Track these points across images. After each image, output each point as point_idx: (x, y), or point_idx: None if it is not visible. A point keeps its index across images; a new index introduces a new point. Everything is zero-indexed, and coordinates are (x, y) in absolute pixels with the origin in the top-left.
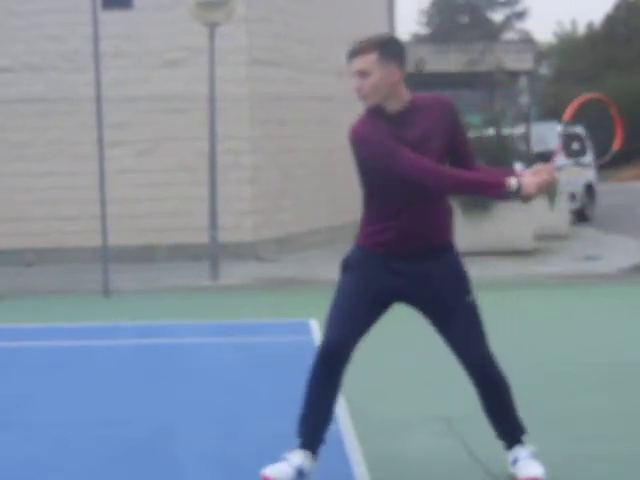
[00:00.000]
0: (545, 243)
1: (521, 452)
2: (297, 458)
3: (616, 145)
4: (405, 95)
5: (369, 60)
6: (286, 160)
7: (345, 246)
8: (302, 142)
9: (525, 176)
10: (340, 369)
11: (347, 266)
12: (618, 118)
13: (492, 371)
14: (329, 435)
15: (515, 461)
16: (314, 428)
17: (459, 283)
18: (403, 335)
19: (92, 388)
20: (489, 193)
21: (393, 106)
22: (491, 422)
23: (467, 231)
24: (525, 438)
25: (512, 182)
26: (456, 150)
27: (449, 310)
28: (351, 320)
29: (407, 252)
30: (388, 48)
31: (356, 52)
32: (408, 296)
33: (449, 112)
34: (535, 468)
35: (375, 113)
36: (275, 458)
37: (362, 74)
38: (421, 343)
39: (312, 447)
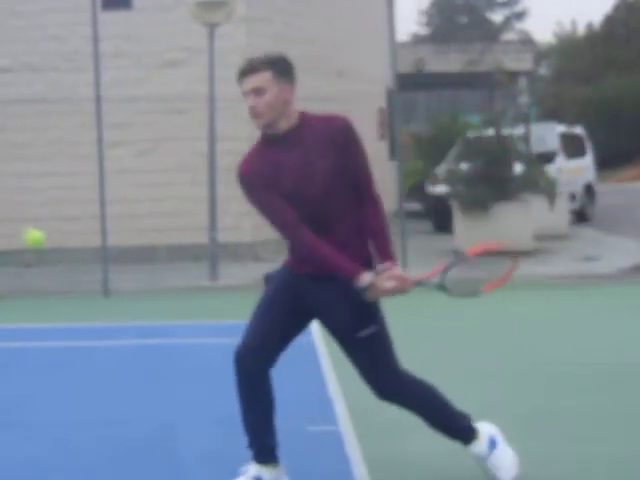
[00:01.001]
0: (545, 243)
1: (477, 448)
2: (253, 470)
3: (471, 252)
4: (294, 113)
5: (264, 78)
6: None
7: None
8: None
9: (382, 277)
10: (253, 373)
11: (269, 278)
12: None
13: (403, 396)
14: (329, 436)
15: (482, 457)
16: (258, 437)
17: (345, 315)
18: (403, 336)
19: (92, 388)
20: (340, 276)
21: (284, 125)
22: (437, 431)
23: (467, 231)
24: (476, 432)
25: (365, 279)
26: (351, 178)
27: (342, 341)
28: (264, 325)
29: (302, 273)
30: (280, 66)
31: (249, 70)
32: (312, 315)
33: (338, 132)
34: (507, 459)
35: (265, 140)
36: None
37: (257, 92)
38: (421, 344)
39: (263, 456)
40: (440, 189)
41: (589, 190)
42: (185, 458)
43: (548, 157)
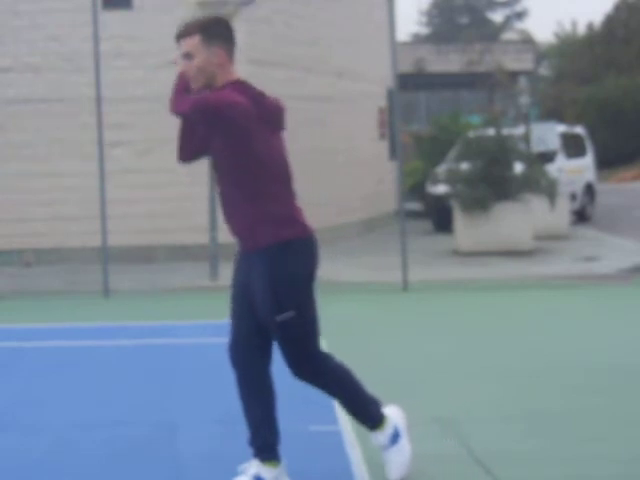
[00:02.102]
0: (545, 243)
1: (380, 437)
2: (253, 468)
3: None
4: (233, 77)
5: (192, 43)
6: None
7: (343, 246)
8: (301, 143)
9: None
10: (247, 366)
11: None
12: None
13: (319, 379)
14: (329, 435)
15: (381, 447)
16: (259, 434)
17: (265, 297)
18: (403, 336)
19: (92, 388)
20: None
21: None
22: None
23: (467, 231)
24: (384, 421)
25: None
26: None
27: (262, 321)
28: (235, 315)
29: (242, 251)
30: (211, 30)
31: (181, 35)
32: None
33: (195, 103)
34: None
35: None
36: None
37: (187, 57)
38: (421, 344)
39: (265, 454)
40: (440, 189)
41: (589, 190)
42: (185, 458)
43: (548, 157)
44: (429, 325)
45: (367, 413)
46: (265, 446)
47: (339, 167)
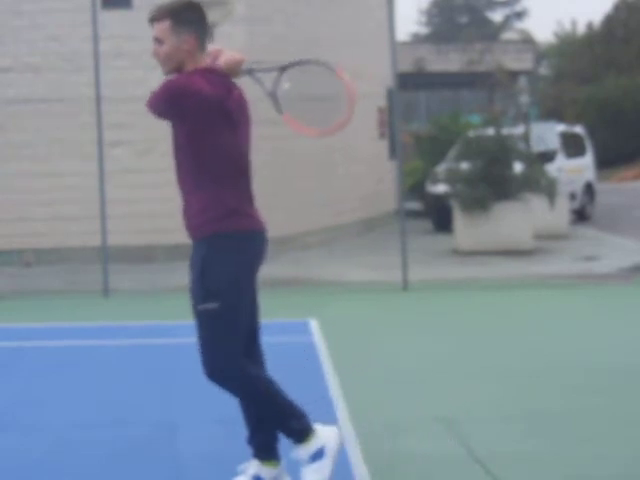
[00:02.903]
0: (545, 243)
1: (301, 451)
2: (253, 468)
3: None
4: (202, 65)
5: (162, 28)
6: (284, 160)
7: (343, 245)
8: (301, 142)
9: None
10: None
11: None
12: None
13: (230, 385)
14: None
15: (300, 461)
16: (257, 433)
17: (196, 286)
18: (403, 336)
19: (92, 388)
20: None
21: None
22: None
23: (467, 231)
24: (308, 436)
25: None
26: None
27: (192, 308)
28: None
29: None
30: (182, 15)
31: (152, 18)
32: None
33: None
34: None
35: None
36: None
37: (157, 41)
38: (421, 344)
39: (263, 453)
40: (440, 188)
41: (589, 189)
42: (185, 458)
43: (548, 156)
44: (429, 325)
45: (288, 428)
46: (264, 445)
47: (339, 166)
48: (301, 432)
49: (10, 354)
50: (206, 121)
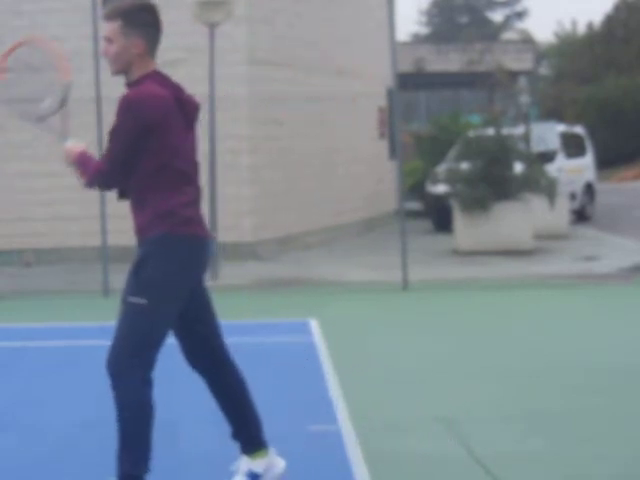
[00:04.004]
0: (545, 243)
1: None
2: (244, 465)
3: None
4: (150, 69)
5: (112, 28)
6: (286, 160)
7: (343, 245)
8: (302, 142)
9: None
10: (200, 370)
11: None
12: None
13: (114, 380)
14: (330, 435)
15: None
16: (240, 428)
17: (131, 279)
18: (403, 336)
19: (92, 388)
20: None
21: (132, 77)
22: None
23: (467, 231)
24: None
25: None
26: None
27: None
28: None
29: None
30: (134, 17)
31: (104, 16)
32: None
33: (118, 106)
34: None
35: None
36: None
37: (107, 40)
38: (421, 344)
39: (250, 446)
40: (440, 188)
41: (589, 190)
42: (185, 458)
43: (548, 157)
44: (429, 325)
45: (124, 459)
46: (249, 439)
47: (339, 166)
48: (129, 476)
49: (10, 354)
50: (166, 125)
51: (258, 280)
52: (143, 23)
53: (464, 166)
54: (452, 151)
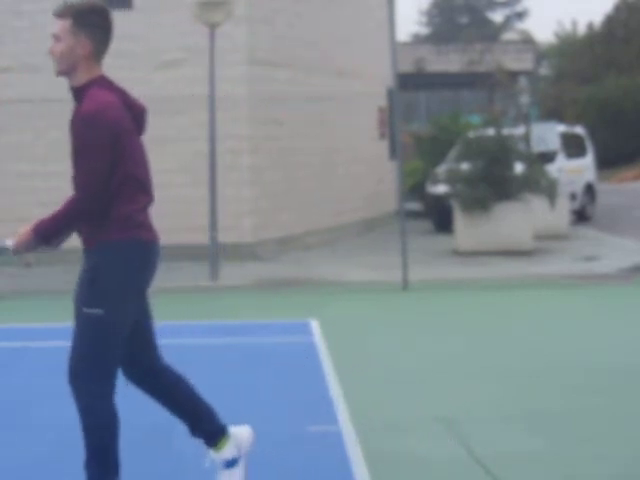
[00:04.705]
0: (545, 243)
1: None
2: (216, 456)
3: None
4: (95, 73)
5: (62, 26)
6: (286, 160)
7: (343, 246)
8: (302, 142)
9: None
10: (137, 381)
11: None
12: None
13: (77, 396)
14: (330, 435)
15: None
16: (197, 424)
17: (84, 289)
18: (403, 336)
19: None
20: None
21: (78, 80)
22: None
23: (467, 231)
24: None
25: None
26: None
27: (74, 312)
28: None
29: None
30: (85, 18)
31: (56, 14)
32: None
33: (76, 116)
34: None
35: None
36: (275, 458)
37: (55, 38)
38: (421, 344)
39: (212, 438)
40: (440, 189)
41: (589, 190)
42: (185, 459)
43: (549, 157)
44: (429, 325)
45: (92, 466)
46: (208, 433)
47: (339, 167)
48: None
49: (10, 354)
50: (124, 133)
51: (258, 280)
52: (93, 24)
53: (464, 166)
54: (452, 151)
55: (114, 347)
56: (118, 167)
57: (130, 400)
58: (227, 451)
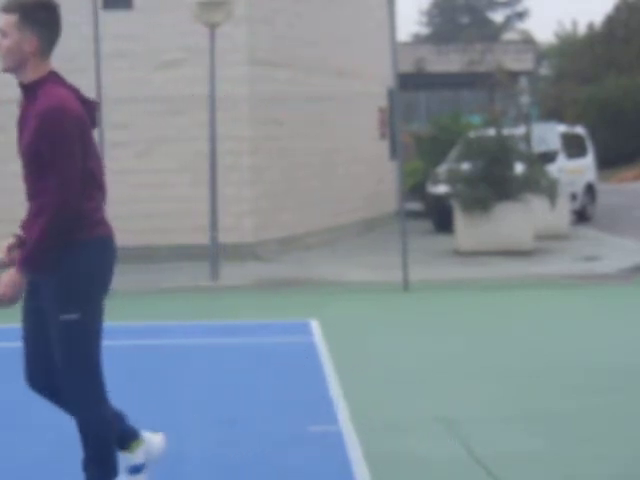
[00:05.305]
0: (545, 243)
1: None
2: (127, 461)
3: None
4: (43, 70)
5: (7, 21)
6: (286, 161)
7: (344, 246)
8: (302, 142)
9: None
10: (40, 388)
11: None
12: None
13: (73, 406)
14: (330, 436)
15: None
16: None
17: (53, 295)
18: (403, 336)
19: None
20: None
21: (27, 76)
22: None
23: (468, 231)
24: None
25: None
26: (43, 163)
27: (50, 323)
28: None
29: None
30: (32, 13)
31: (3, 9)
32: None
33: (40, 113)
34: None
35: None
36: (275, 458)
37: (2, 33)
38: (421, 344)
39: (123, 443)
40: (441, 189)
41: (590, 190)
42: (185, 459)
43: (549, 157)
44: (429, 325)
45: (99, 469)
46: (120, 436)
47: (339, 167)
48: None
49: (10, 354)
50: (85, 128)
51: (259, 280)
52: (40, 21)
53: (465, 166)
54: (453, 151)
55: (97, 348)
56: (83, 162)
57: (133, 399)
58: (138, 455)
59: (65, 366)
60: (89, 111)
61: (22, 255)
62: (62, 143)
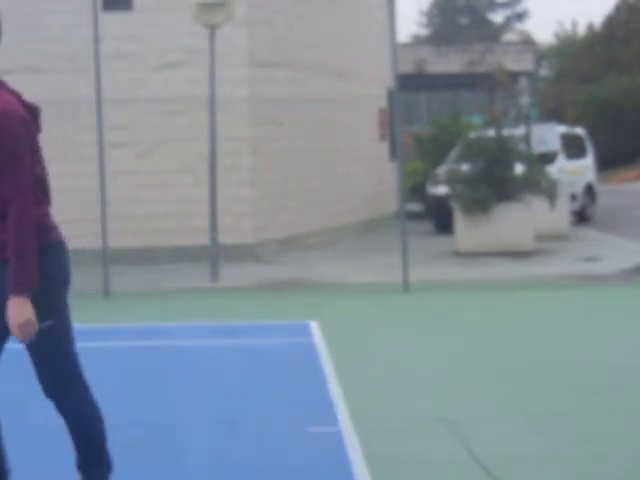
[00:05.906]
0: (545, 244)
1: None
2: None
3: None
4: None
5: None
6: (286, 161)
7: (344, 246)
8: (302, 144)
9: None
10: None
11: None
12: None
13: (63, 405)
14: (330, 436)
15: None
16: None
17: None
18: (403, 336)
19: (92, 389)
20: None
21: None
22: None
23: (468, 232)
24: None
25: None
26: None
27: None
28: None
29: None
30: None
31: None
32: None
33: None
34: None
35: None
36: (275, 459)
37: None
38: (421, 344)
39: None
40: (441, 190)
41: (590, 190)
42: (185, 460)
43: (549, 157)
44: (429, 325)
45: (95, 467)
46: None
47: (340, 168)
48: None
49: (10, 354)
50: (31, 132)
51: (259, 281)
52: None
53: (465, 167)
54: (453, 152)
55: (73, 348)
56: (31, 167)
57: (134, 400)
58: None
59: (45, 371)
60: (33, 116)
61: (15, 280)
62: (12, 147)
